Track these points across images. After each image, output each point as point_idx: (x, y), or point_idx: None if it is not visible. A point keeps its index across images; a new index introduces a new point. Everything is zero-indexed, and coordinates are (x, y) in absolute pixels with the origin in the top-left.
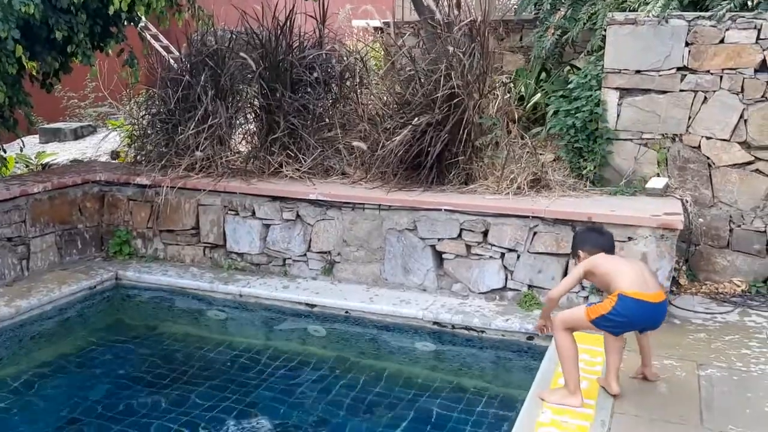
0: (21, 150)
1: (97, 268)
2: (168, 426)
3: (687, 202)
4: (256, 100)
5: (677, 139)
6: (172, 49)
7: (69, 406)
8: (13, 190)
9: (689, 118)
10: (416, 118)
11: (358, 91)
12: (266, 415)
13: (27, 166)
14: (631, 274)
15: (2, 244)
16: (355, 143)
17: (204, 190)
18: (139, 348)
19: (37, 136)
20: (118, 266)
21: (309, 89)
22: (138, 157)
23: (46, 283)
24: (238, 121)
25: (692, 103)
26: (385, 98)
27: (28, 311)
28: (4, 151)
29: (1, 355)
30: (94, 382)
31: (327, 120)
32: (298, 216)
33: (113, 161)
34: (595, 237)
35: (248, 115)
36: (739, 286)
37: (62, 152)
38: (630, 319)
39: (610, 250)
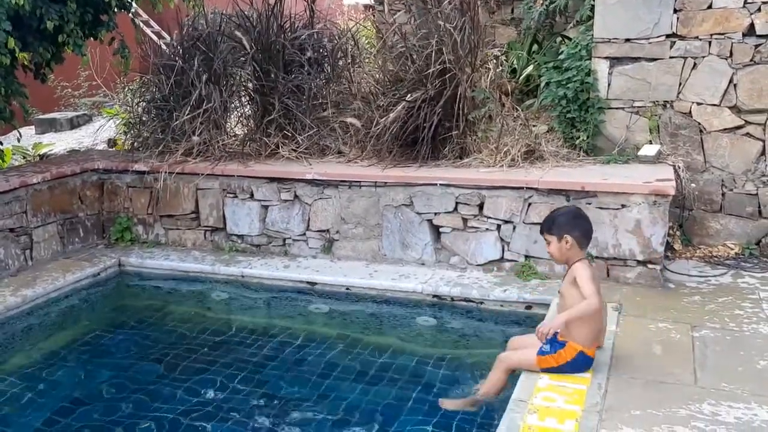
0: (18, 140)
1: (100, 256)
2: (176, 407)
3: (679, 168)
4: (249, 82)
5: (668, 106)
6: (164, 34)
7: (78, 390)
8: (13, 182)
9: (679, 84)
10: (409, 95)
11: (351, 69)
12: (273, 391)
13: (24, 158)
14: (602, 321)
15: (5, 235)
16: (349, 120)
17: (202, 174)
18: (145, 331)
19: (32, 127)
20: (120, 253)
21: (302, 69)
22: (135, 144)
23: (50, 272)
24: (232, 105)
25: (682, 70)
26: (377, 76)
27: (34, 300)
28: (1, 143)
29: (9, 343)
30: (101, 366)
31: (321, 100)
32: (296, 196)
33: (110, 149)
34: (585, 225)
35: (243, 98)
36: (732, 249)
37: (59, 142)
38: (572, 372)
39: (588, 244)
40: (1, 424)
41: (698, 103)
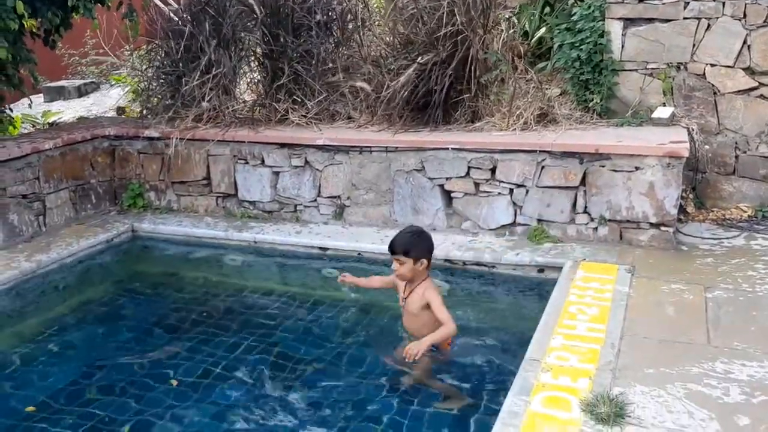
0: (30, 107)
1: (113, 222)
2: (192, 370)
3: (693, 130)
4: (258, 47)
5: (682, 67)
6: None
7: (94, 352)
8: (25, 148)
9: (693, 46)
10: (420, 57)
11: (361, 32)
12: (288, 353)
13: (34, 126)
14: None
15: (18, 201)
16: (359, 84)
17: (213, 140)
18: (160, 295)
19: (41, 95)
20: (133, 219)
21: (311, 33)
22: (145, 111)
23: (64, 238)
24: (242, 70)
25: (696, 31)
26: (388, 39)
27: (48, 265)
28: (11, 111)
29: (25, 307)
30: (117, 329)
31: (331, 64)
32: (306, 162)
33: (120, 116)
34: (432, 245)
35: (252, 64)
36: (745, 212)
37: (67, 110)
38: None
39: None
40: (20, 387)
41: (712, 65)
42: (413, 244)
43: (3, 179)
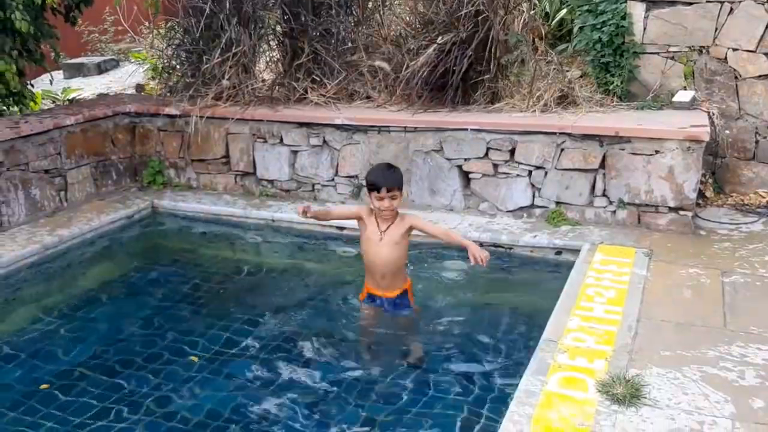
0: (51, 83)
1: (133, 198)
2: (210, 345)
3: (713, 114)
4: (278, 26)
5: (704, 51)
6: None
7: (115, 326)
8: (47, 123)
9: (715, 29)
10: (440, 37)
11: (381, 11)
12: (307, 329)
13: (54, 102)
14: None
15: (40, 176)
16: (378, 64)
17: (232, 118)
18: (180, 271)
19: (60, 72)
20: (153, 195)
21: (331, 12)
22: (165, 89)
23: (85, 213)
24: (261, 49)
25: (718, 15)
26: (407, 18)
27: (70, 240)
28: (32, 86)
29: (47, 281)
30: (138, 303)
31: (350, 43)
32: (324, 141)
33: (140, 94)
34: None
35: (271, 42)
36: (764, 198)
37: (87, 87)
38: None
39: None
40: (43, 360)
41: (734, 49)
42: (402, 177)
43: (26, 154)
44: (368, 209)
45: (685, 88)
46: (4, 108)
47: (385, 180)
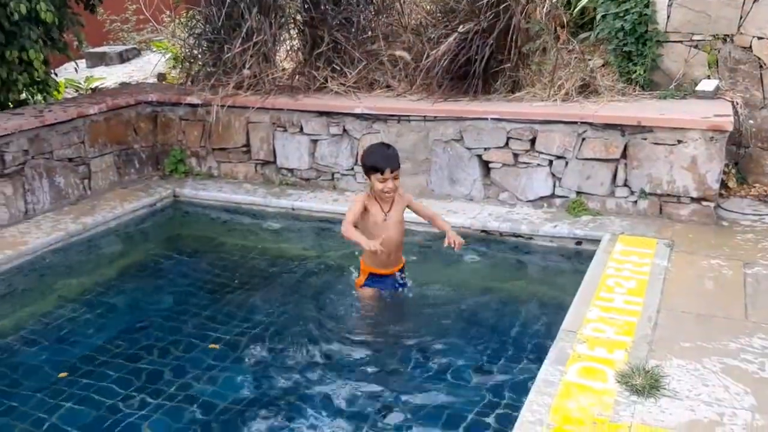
0: (76, 71)
1: (156, 186)
2: (231, 330)
3: (737, 104)
4: (299, 14)
5: (728, 40)
6: None
7: (138, 313)
8: (70, 112)
9: (740, 18)
10: (461, 26)
11: (401, 0)
12: (327, 317)
13: (77, 91)
14: None
15: (64, 165)
16: (398, 53)
17: (253, 107)
18: (202, 258)
19: (83, 60)
20: (175, 184)
21: (351, 1)
22: (186, 78)
23: (108, 201)
24: (282, 38)
25: (743, 2)
26: (428, 7)
27: (94, 227)
28: (56, 75)
29: (71, 268)
30: (160, 291)
31: (370, 32)
32: (344, 130)
33: (162, 83)
34: None
35: (291, 31)
36: None
37: (109, 76)
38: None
39: None
40: (67, 344)
41: (759, 38)
42: (397, 154)
43: (50, 142)
44: (366, 195)
45: (708, 77)
46: (29, 97)
47: (387, 161)
